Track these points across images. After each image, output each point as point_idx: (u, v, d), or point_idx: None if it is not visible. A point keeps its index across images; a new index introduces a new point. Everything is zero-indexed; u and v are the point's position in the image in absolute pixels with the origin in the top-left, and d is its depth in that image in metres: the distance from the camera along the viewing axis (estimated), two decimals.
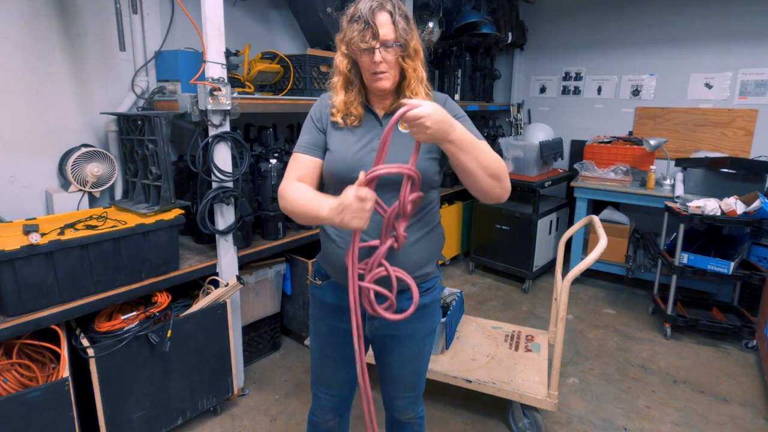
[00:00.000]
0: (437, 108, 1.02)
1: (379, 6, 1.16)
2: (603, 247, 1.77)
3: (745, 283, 2.95)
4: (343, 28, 1.22)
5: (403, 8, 1.21)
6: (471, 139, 1.10)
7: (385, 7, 1.16)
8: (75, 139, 2.17)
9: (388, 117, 1.27)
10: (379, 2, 1.16)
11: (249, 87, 2.52)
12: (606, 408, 2.30)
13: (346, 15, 1.21)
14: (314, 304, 1.43)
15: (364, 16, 1.15)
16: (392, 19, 1.16)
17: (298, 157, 1.28)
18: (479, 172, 1.11)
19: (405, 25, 1.18)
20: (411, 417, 1.49)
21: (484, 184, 1.13)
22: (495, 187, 1.14)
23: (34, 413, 1.53)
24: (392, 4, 1.18)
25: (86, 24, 2.16)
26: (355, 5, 1.19)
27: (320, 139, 1.29)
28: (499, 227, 3.73)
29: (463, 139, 1.07)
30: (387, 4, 1.17)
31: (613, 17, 3.99)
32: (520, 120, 4.55)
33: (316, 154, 1.28)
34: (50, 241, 1.64)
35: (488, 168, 1.11)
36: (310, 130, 1.31)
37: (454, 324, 2.43)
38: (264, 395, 2.35)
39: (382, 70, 1.18)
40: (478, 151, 1.10)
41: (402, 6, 1.21)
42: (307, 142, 1.29)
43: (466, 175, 1.12)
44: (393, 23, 1.16)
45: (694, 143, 3.75)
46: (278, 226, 2.46)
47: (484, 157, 1.11)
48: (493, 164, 1.12)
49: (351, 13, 1.19)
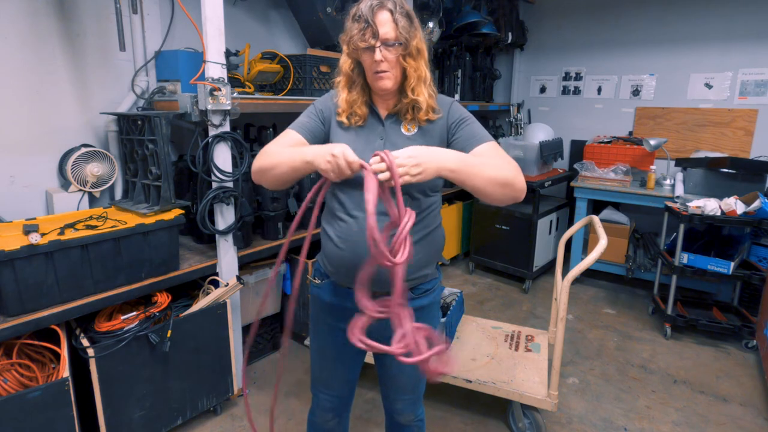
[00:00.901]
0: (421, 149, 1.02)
1: (379, 4, 1.16)
2: (603, 247, 1.77)
3: (745, 283, 2.95)
4: (346, 28, 1.22)
5: (406, 6, 1.20)
6: (472, 161, 1.08)
7: (386, 6, 1.16)
8: (75, 139, 2.17)
9: (390, 118, 1.27)
10: (379, 1, 1.16)
11: (249, 87, 2.52)
12: (606, 408, 2.30)
13: (349, 15, 1.20)
14: (313, 303, 1.43)
15: (365, 15, 1.14)
16: (393, 18, 1.15)
17: (289, 132, 1.27)
18: (488, 187, 1.10)
19: (406, 23, 1.17)
20: (411, 419, 1.48)
21: (496, 196, 1.12)
22: (507, 194, 1.13)
23: (34, 413, 1.53)
24: (393, 3, 1.17)
25: (86, 24, 2.16)
26: (357, 5, 1.19)
27: (317, 128, 1.28)
28: (499, 227, 3.73)
29: (464, 164, 1.06)
30: (388, 3, 1.16)
31: (613, 17, 3.99)
32: (520, 120, 4.55)
33: (307, 137, 1.26)
34: (50, 241, 1.64)
35: (496, 180, 1.10)
36: (309, 116, 1.30)
37: (454, 324, 2.43)
38: (264, 395, 2.35)
39: (383, 69, 1.18)
40: (481, 168, 1.08)
41: (405, 4, 1.20)
42: (304, 125, 1.28)
43: (475, 193, 1.12)
44: (393, 21, 1.15)
45: (694, 143, 3.75)
46: (278, 226, 2.46)
47: (491, 172, 1.09)
48: (501, 174, 1.10)
49: (353, 13, 1.19)
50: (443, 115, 1.26)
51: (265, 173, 1.21)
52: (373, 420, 2.18)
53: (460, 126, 1.24)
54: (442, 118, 1.26)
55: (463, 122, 1.25)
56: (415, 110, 1.23)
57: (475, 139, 1.22)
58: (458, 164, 1.06)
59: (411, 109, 1.24)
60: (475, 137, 1.22)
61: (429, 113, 1.23)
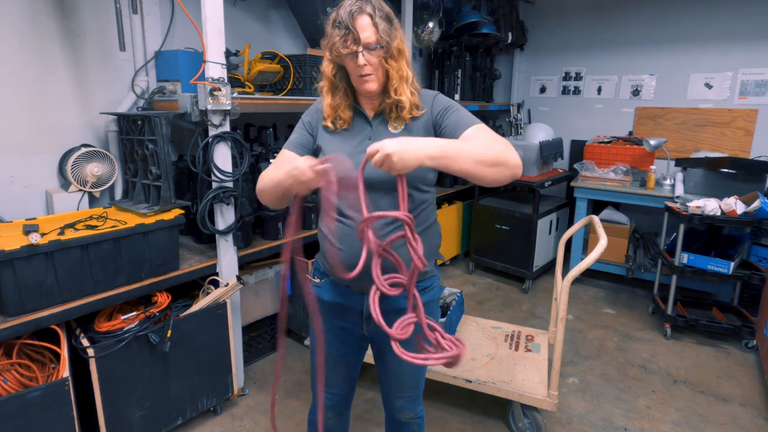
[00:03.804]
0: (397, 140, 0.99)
1: (358, 9, 1.15)
2: (603, 247, 1.77)
3: (745, 283, 2.95)
4: (327, 34, 1.22)
5: (385, 8, 1.20)
6: (453, 146, 1.05)
7: (365, 10, 1.15)
8: (75, 139, 2.17)
9: (377, 118, 1.28)
10: (358, 6, 1.15)
11: (249, 87, 2.52)
12: (606, 408, 2.30)
13: (329, 20, 1.20)
14: (313, 303, 1.43)
15: (345, 21, 1.14)
16: (372, 21, 1.15)
17: (285, 152, 1.32)
18: (477, 169, 1.05)
19: (386, 26, 1.17)
20: (411, 417, 1.49)
21: (489, 176, 1.07)
22: (501, 172, 1.08)
23: (34, 413, 1.53)
24: (372, 6, 1.16)
25: (86, 24, 2.16)
26: (336, 10, 1.18)
27: (308, 141, 1.32)
28: (499, 227, 3.73)
29: (444, 149, 1.02)
30: (367, 7, 1.15)
31: (613, 17, 3.99)
32: (520, 120, 4.55)
33: (301, 152, 1.30)
34: (50, 241, 1.64)
35: (485, 160, 1.05)
36: (299, 131, 1.34)
37: (454, 324, 2.43)
38: (264, 395, 2.35)
39: (367, 73, 1.19)
40: (466, 151, 1.05)
41: (383, 6, 1.20)
42: (296, 141, 1.32)
43: (466, 176, 1.07)
44: (374, 25, 1.15)
45: (694, 143, 3.75)
46: (278, 226, 2.46)
47: (476, 152, 1.05)
48: (489, 153, 1.06)
49: (333, 18, 1.19)
50: (427, 109, 1.26)
51: (263, 196, 1.27)
52: (373, 420, 2.18)
53: (446, 115, 1.24)
54: (426, 113, 1.26)
55: (447, 110, 1.24)
56: (399, 109, 1.24)
57: (461, 124, 1.20)
58: (438, 150, 1.01)
59: (395, 108, 1.25)
60: (461, 122, 1.20)
61: (413, 110, 1.24)
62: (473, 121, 1.21)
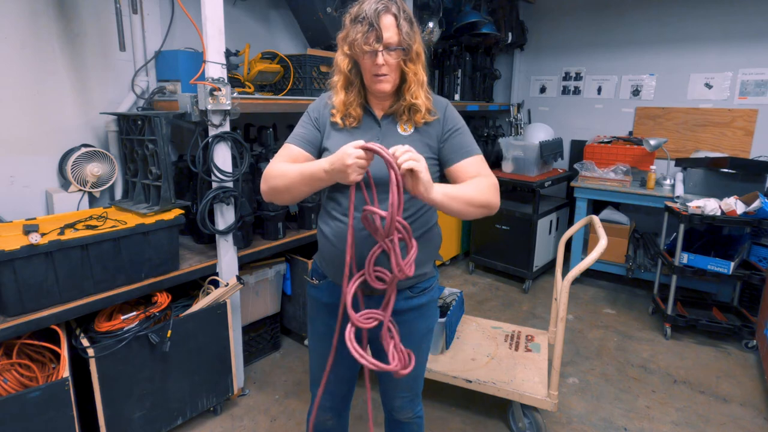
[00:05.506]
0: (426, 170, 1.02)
1: (384, 8, 1.15)
2: (603, 247, 1.77)
3: (745, 283, 2.95)
4: (345, 27, 1.21)
5: (408, 11, 1.20)
6: (452, 193, 1.12)
7: (391, 10, 1.16)
8: (75, 139, 2.17)
9: (386, 118, 1.28)
10: (384, 5, 1.15)
11: (249, 87, 2.52)
12: (606, 408, 2.30)
13: (350, 14, 1.19)
14: (311, 303, 1.43)
15: (369, 18, 1.14)
16: (396, 23, 1.16)
17: (289, 146, 1.28)
18: (466, 210, 1.16)
19: (409, 29, 1.18)
20: (410, 416, 1.49)
21: (472, 215, 1.19)
22: (481, 213, 1.20)
23: (34, 413, 1.53)
24: (397, 7, 1.17)
25: (86, 24, 2.16)
26: (359, 5, 1.18)
27: (314, 136, 1.29)
28: (499, 227, 3.74)
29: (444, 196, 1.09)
30: (392, 7, 1.16)
31: (613, 17, 3.99)
32: (520, 120, 4.55)
33: (306, 148, 1.27)
34: (50, 241, 1.64)
35: (474, 204, 1.16)
36: (305, 125, 1.31)
37: (454, 324, 2.43)
38: (264, 395, 2.35)
39: (383, 73, 1.18)
40: (461, 198, 1.13)
41: (407, 8, 1.20)
42: (301, 136, 1.29)
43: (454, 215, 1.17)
44: (397, 26, 1.16)
45: (694, 143, 3.75)
46: (278, 226, 2.46)
47: (468, 198, 1.15)
48: (480, 198, 1.17)
49: (355, 13, 1.18)
50: (439, 117, 1.28)
51: (280, 194, 1.22)
52: (373, 419, 2.18)
53: (453, 134, 1.28)
54: (438, 121, 1.28)
55: (455, 131, 1.28)
56: (412, 112, 1.25)
57: (462, 150, 1.26)
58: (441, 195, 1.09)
59: (408, 110, 1.25)
60: (462, 149, 1.27)
61: (426, 115, 1.25)
62: (474, 150, 1.27)
